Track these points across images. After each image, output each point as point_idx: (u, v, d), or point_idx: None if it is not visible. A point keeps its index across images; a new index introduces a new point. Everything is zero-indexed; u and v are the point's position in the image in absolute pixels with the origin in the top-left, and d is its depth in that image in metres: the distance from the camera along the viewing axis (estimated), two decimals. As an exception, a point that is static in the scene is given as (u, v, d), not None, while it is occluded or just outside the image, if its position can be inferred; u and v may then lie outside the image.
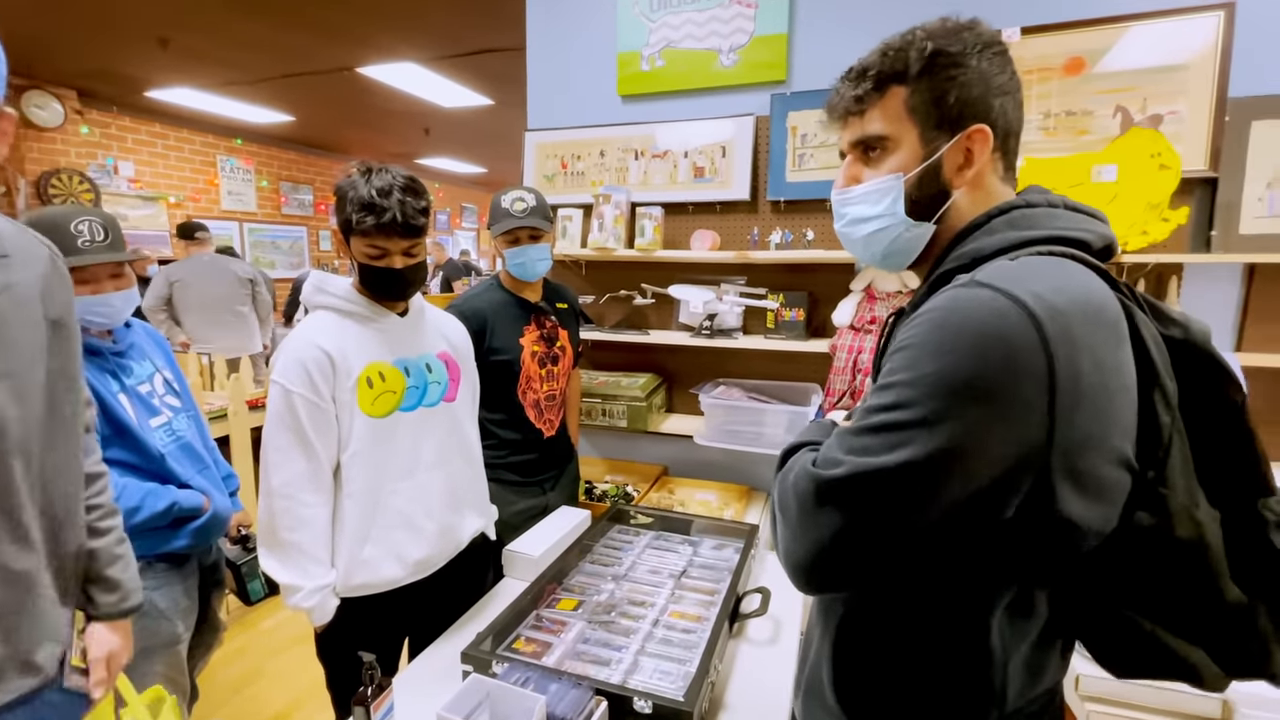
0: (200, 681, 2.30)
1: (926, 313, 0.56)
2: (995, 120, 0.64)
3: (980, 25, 0.65)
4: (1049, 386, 0.51)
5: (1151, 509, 0.56)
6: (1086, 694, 1.14)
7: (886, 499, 0.54)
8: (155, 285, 4.04)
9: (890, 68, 0.64)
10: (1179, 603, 0.57)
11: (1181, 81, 1.61)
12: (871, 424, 0.56)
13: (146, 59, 4.42)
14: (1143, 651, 0.60)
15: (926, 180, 0.65)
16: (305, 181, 7.73)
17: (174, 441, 1.41)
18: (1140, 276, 1.69)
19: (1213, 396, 0.59)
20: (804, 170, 1.97)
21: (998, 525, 0.55)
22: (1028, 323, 0.51)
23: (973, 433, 0.52)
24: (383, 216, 1.16)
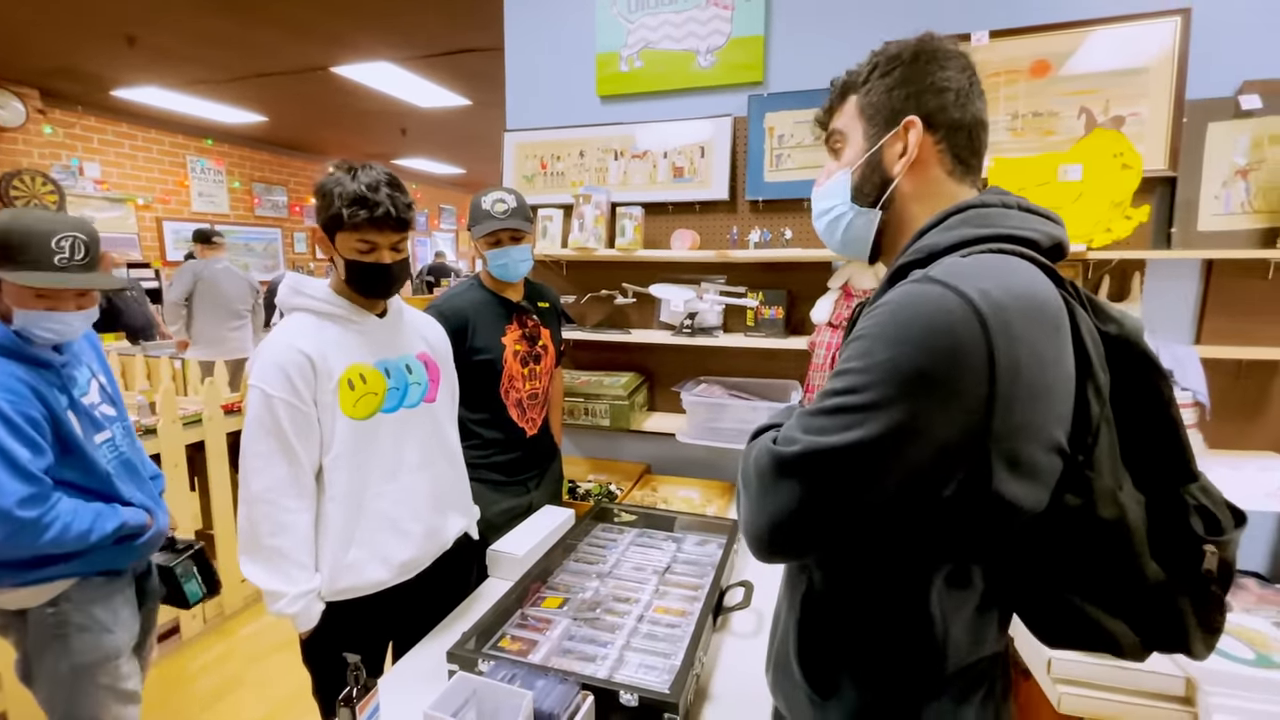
0: (176, 692, 2.26)
1: (882, 305, 0.60)
2: (931, 114, 0.70)
3: (934, 36, 0.73)
4: (989, 377, 0.54)
5: (1078, 491, 0.60)
6: (1058, 677, 1.18)
7: (838, 475, 0.59)
8: (181, 280, 4.17)
9: (849, 81, 0.76)
10: (1103, 578, 0.62)
11: (1142, 84, 1.66)
12: (827, 406, 0.60)
13: (112, 57, 4.32)
14: (1070, 623, 0.64)
15: (869, 169, 0.74)
16: (279, 183, 7.60)
17: (116, 458, 1.39)
18: (1105, 272, 1.75)
19: (1143, 389, 0.63)
20: (781, 170, 2.00)
21: (938, 503, 0.59)
22: (973, 318, 0.54)
23: (918, 417, 0.55)
24: (376, 210, 1.16)
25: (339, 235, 1.20)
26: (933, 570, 0.64)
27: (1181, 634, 0.62)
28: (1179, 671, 1.12)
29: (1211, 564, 0.61)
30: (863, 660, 0.69)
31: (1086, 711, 1.15)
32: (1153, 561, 0.61)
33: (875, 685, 0.69)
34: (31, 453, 1.19)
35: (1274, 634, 1.19)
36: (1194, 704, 1.10)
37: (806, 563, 0.74)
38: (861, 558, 0.67)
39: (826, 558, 0.71)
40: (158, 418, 2.43)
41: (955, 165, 0.72)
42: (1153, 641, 0.64)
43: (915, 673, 0.67)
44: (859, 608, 0.69)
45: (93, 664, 1.34)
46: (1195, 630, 0.62)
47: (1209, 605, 0.62)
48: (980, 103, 0.72)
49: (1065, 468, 0.60)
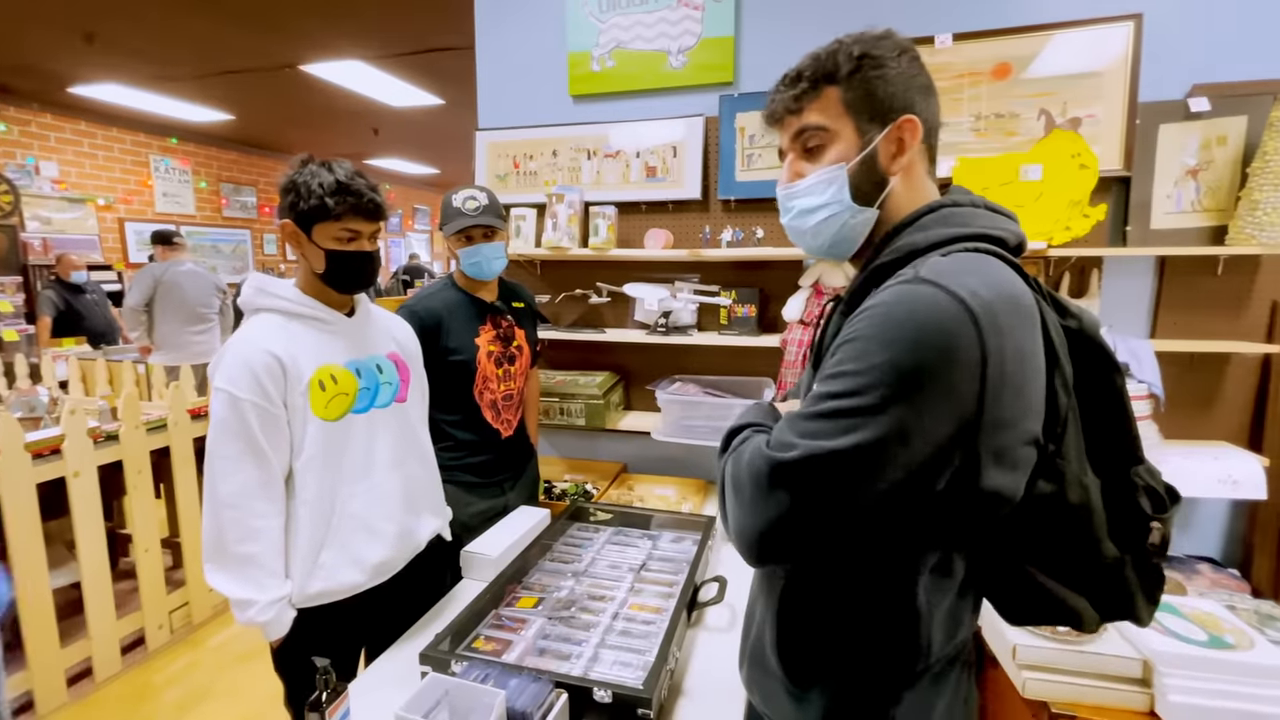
0: (142, 705, 2.20)
1: (874, 307, 0.61)
2: (920, 113, 0.70)
3: (894, 34, 0.72)
4: (981, 374, 0.56)
5: (1050, 478, 0.63)
6: (1023, 663, 1.21)
7: (837, 478, 0.59)
8: (140, 284, 3.97)
9: (823, 70, 0.70)
10: (1068, 558, 0.66)
11: (1097, 87, 1.72)
12: (824, 410, 0.60)
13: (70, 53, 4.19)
14: (1036, 600, 0.68)
15: (866, 168, 0.70)
16: (248, 183, 7.44)
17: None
18: (1065, 269, 1.80)
19: (1100, 379, 0.67)
20: (753, 170, 2.02)
21: (930, 497, 0.60)
22: (965, 316, 0.56)
23: (917, 416, 0.57)
24: (361, 198, 1.17)
25: (319, 226, 1.18)
26: (920, 562, 0.66)
27: (1130, 604, 0.67)
28: (1136, 654, 1.16)
29: (1156, 539, 0.65)
30: (845, 651, 0.70)
31: (1050, 695, 1.18)
32: (1109, 540, 0.64)
33: (856, 675, 0.70)
34: None
35: (1225, 616, 1.24)
36: (1150, 685, 1.14)
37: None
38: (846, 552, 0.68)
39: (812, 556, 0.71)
40: (120, 424, 2.36)
41: (929, 164, 0.74)
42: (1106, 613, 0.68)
43: (898, 662, 0.69)
44: (841, 601, 0.70)
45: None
46: (1141, 600, 0.67)
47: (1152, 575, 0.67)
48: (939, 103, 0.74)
49: (1039, 457, 0.62)
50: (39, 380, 3.28)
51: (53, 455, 2.13)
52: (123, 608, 2.40)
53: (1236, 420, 1.77)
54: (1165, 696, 1.10)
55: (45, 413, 2.50)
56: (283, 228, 1.21)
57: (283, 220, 1.20)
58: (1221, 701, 1.07)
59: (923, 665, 0.68)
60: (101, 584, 2.28)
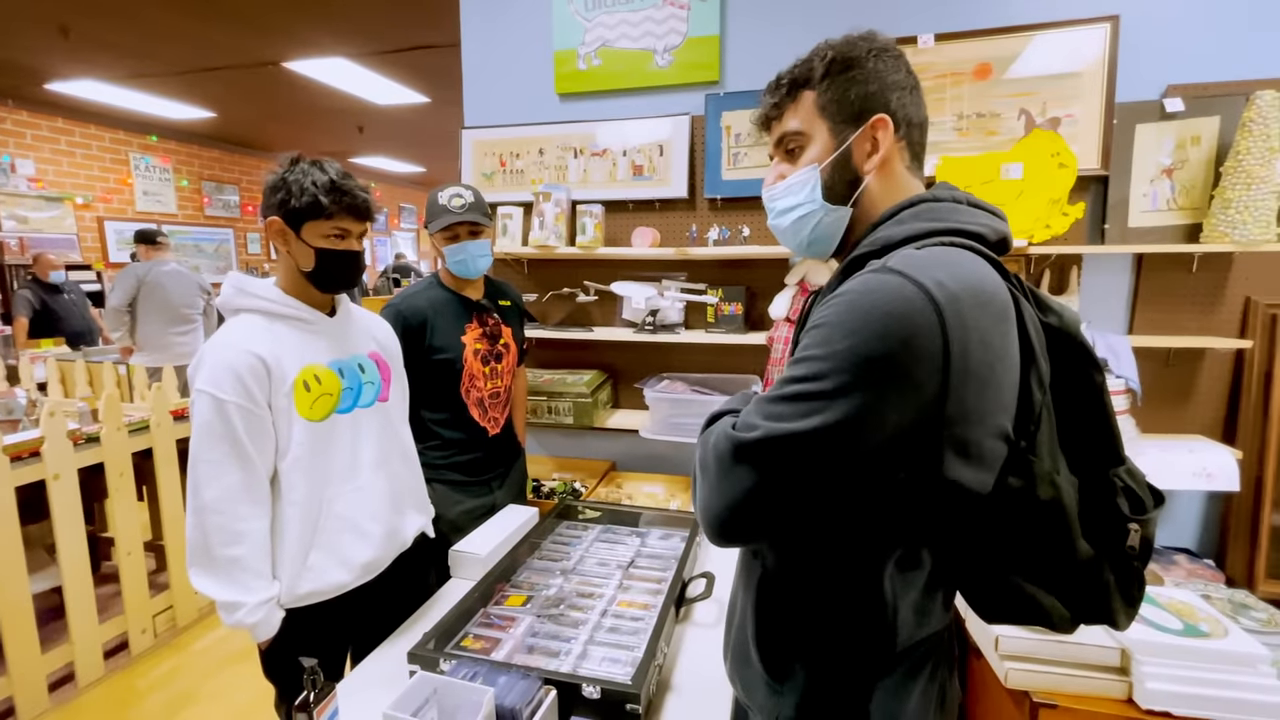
0: (126, 710, 2.18)
1: (841, 294, 0.61)
2: (895, 111, 0.71)
3: (876, 34, 0.73)
4: (943, 365, 0.56)
5: (1020, 474, 0.63)
6: (1005, 653, 1.24)
7: (796, 460, 0.60)
8: (123, 284, 3.90)
9: (799, 75, 0.74)
10: (1039, 556, 0.65)
11: (1075, 87, 1.75)
12: (787, 393, 0.61)
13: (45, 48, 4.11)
14: (1008, 599, 0.68)
15: (839, 167, 0.73)
16: (230, 181, 7.34)
17: None
18: (1045, 267, 1.83)
19: (1079, 377, 0.67)
20: (739, 168, 2.03)
21: (891, 486, 0.61)
22: (929, 307, 0.56)
23: (876, 403, 0.57)
24: (356, 198, 1.19)
25: (309, 225, 1.18)
26: (886, 553, 0.66)
27: (1106, 607, 0.66)
28: (1115, 644, 1.18)
29: (1134, 541, 0.65)
30: (817, 642, 0.71)
31: (1031, 685, 1.20)
32: (1083, 540, 0.64)
33: (828, 666, 0.71)
34: None
35: (1201, 605, 1.27)
36: (1129, 673, 1.16)
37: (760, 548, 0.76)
38: (815, 542, 0.69)
39: (780, 543, 0.73)
40: (101, 425, 2.33)
41: (912, 160, 0.74)
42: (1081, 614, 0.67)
43: (866, 653, 0.69)
44: (813, 591, 0.71)
45: None
46: (1118, 603, 0.66)
47: (1130, 579, 0.66)
48: (923, 101, 0.75)
49: (1009, 452, 0.62)
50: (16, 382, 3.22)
51: (32, 458, 2.09)
52: (105, 612, 2.37)
53: (1211, 414, 1.81)
54: (1143, 684, 1.13)
55: (23, 415, 2.46)
56: (269, 225, 1.20)
57: (270, 217, 1.19)
58: (1197, 689, 1.10)
59: (890, 655, 0.69)
60: (83, 588, 2.24)
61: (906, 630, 0.69)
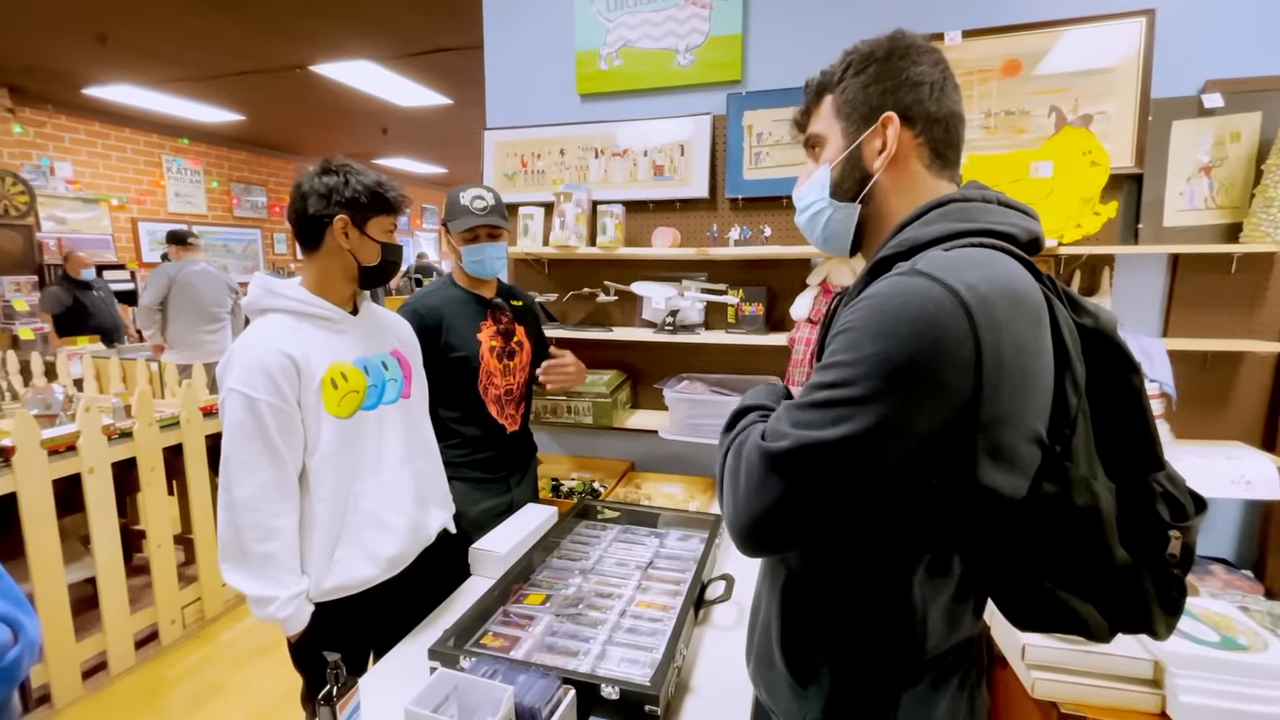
0: (156, 699, 2.23)
1: (869, 298, 0.60)
2: (908, 108, 0.71)
3: (904, 34, 0.74)
4: (975, 369, 0.55)
5: (1055, 479, 0.61)
6: (1033, 662, 1.21)
7: (827, 469, 0.59)
8: (155, 283, 4.04)
9: (824, 80, 0.77)
10: (1075, 563, 0.63)
11: (1108, 83, 1.70)
12: (816, 400, 0.60)
13: (84, 54, 4.24)
14: (1042, 607, 0.66)
15: (849, 165, 0.75)
16: (258, 183, 7.50)
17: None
18: (1076, 267, 1.79)
19: (1116, 380, 0.65)
20: (760, 168, 2.02)
21: (924, 492, 0.60)
22: (960, 310, 0.55)
23: (907, 409, 0.56)
24: (403, 196, 1.29)
25: (375, 220, 1.26)
26: (915, 559, 0.65)
27: (1145, 615, 0.64)
28: (1147, 655, 1.15)
29: (1175, 548, 0.63)
30: (842, 647, 0.70)
31: (1059, 696, 1.17)
32: (1121, 547, 0.62)
33: (854, 672, 0.70)
34: None
35: (1238, 617, 1.22)
36: (1161, 686, 1.13)
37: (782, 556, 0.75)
38: (843, 547, 0.68)
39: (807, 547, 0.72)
40: (133, 421, 2.39)
41: (933, 159, 0.73)
42: (1118, 623, 0.65)
43: (894, 659, 0.68)
44: (839, 596, 0.70)
45: None
46: (1157, 612, 0.64)
47: (1171, 587, 0.64)
48: (955, 95, 0.73)
49: (1043, 457, 0.61)
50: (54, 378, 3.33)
51: (68, 452, 2.16)
52: (136, 603, 2.43)
53: (1250, 420, 1.75)
54: (1176, 698, 1.09)
55: (60, 410, 2.54)
56: (337, 223, 1.22)
57: (338, 216, 1.22)
58: (1233, 704, 1.06)
59: (919, 663, 0.68)
60: (116, 579, 2.31)
61: (936, 637, 0.68)
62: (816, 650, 0.72)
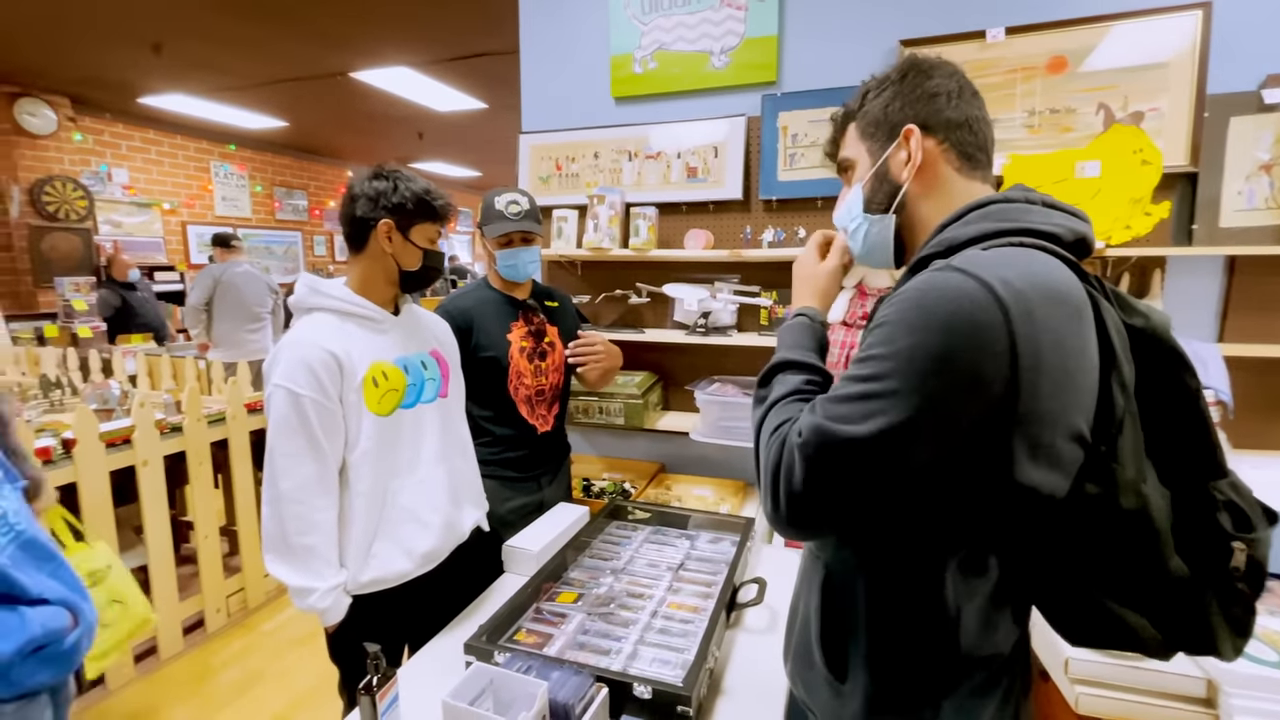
0: (202, 684, 2.32)
1: (904, 292, 0.61)
2: (927, 119, 0.73)
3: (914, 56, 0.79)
4: (1011, 363, 0.55)
5: (1099, 480, 0.60)
6: (1075, 677, 1.17)
7: (860, 462, 0.60)
8: (201, 284, 4.23)
9: (847, 110, 0.82)
10: (1124, 571, 0.61)
11: (1162, 79, 1.64)
12: (850, 393, 0.61)
13: (139, 65, 4.43)
14: (1091, 618, 0.64)
15: (878, 180, 0.78)
16: (299, 187, 7.73)
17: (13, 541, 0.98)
18: (1124, 270, 1.73)
19: (1170, 382, 0.63)
20: (795, 169, 2.00)
21: (960, 487, 0.60)
22: (994, 304, 0.55)
23: (939, 404, 0.56)
24: (450, 204, 1.33)
25: (420, 227, 1.29)
26: (948, 555, 0.65)
27: (1207, 633, 0.62)
28: (1200, 673, 1.10)
29: (1240, 561, 0.60)
30: (878, 643, 0.70)
31: (1104, 712, 1.14)
32: (1176, 556, 0.60)
33: (890, 670, 0.70)
34: None
35: (1299, 636, 1.17)
36: (1215, 706, 1.08)
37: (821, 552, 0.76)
38: (878, 541, 0.68)
39: (842, 542, 0.72)
40: (183, 416, 2.49)
41: (963, 162, 0.74)
42: (1177, 640, 0.63)
43: (928, 658, 0.68)
44: (875, 591, 0.70)
45: None
46: (1223, 630, 0.61)
47: (1236, 604, 0.61)
48: (976, 102, 0.75)
49: (1087, 457, 0.60)
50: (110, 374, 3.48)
51: (123, 445, 2.26)
52: (183, 591, 2.53)
53: (1313, 430, 1.66)
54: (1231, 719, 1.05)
55: (117, 405, 2.66)
56: (381, 227, 1.25)
57: (383, 220, 1.25)
58: (1294, 726, 1.02)
59: (955, 664, 0.67)
60: (166, 568, 2.41)
61: (970, 638, 0.66)
62: (854, 646, 0.72)
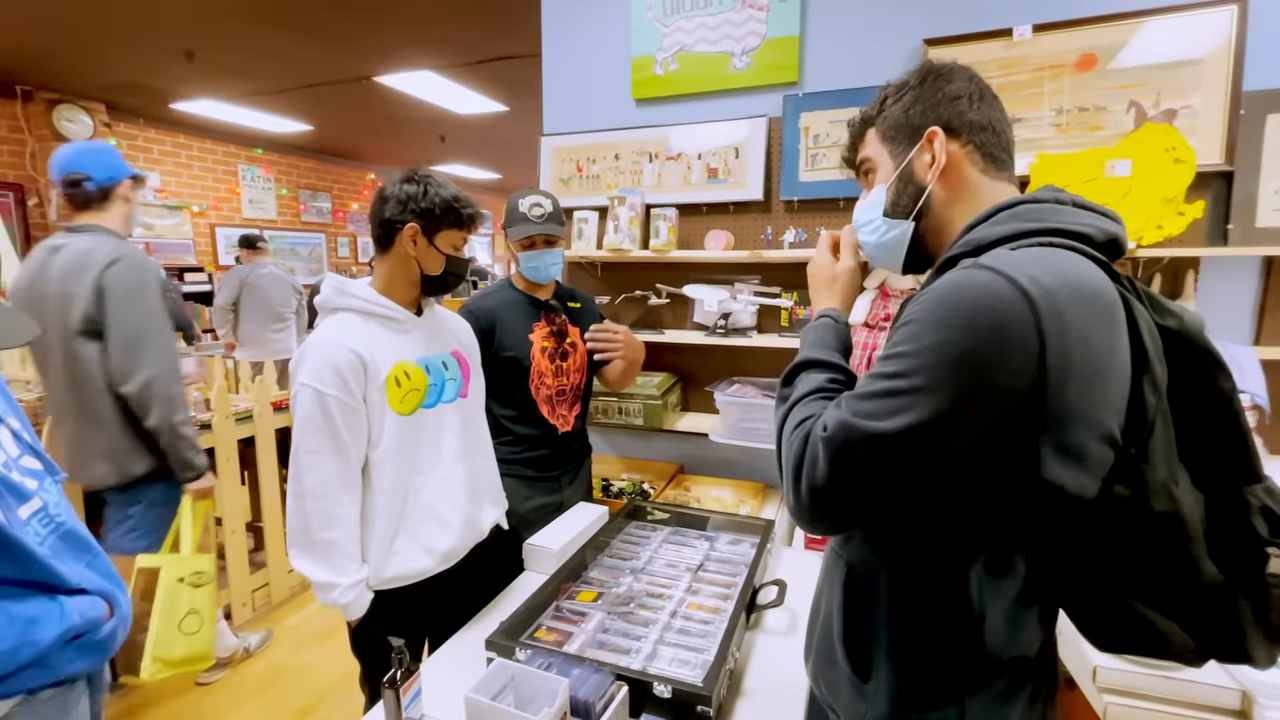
0: (234, 675, 2.37)
1: (931, 290, 0.61)
2: (950, 121, 0.74)
3: (930, 62, 0.79)
4: (1039, 361, 0.55)
5: (1129, 482, 0.59)
6: (1104, 686, 1.15)
7: (884, 458, 0.60)
8: (228, 285, 4.33)
9: (865, 115, 0.83)
10: (1154, 575, 0.60)
11: (1195, 76, 1.60)
12: (875, 390, 0.61)
13: (172, 72, 4.55)
14: (1120, 623, 0.64)
15: (902, 183, 0.78)
16: (323, 189, 7.86)
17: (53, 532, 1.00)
18: (1156, 270, 1.69)
19: (1204, 385, 0.62)
20: (817, 170, 1.99)
21: (984, 485, 0.60)
22: (1022, 302, 0.55)
23: (965, 400, 0.56)
24: (478, 213, 1.35)
25: (444, 233, 1.30)
26: (973, 554, 0.64)
27: (1240, 640, 0.60)
28: (1233, 683, 1.07)
29: (1276, 568, 0.59)
30: (902, 643, 0.70)
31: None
32: (1210, 561, 0.59)
33: (913, 669, 0.69)
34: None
35: (1340, 648, 1.13)
36: (1249, 718, 1.05)
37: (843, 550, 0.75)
38: (902, 538, 0.68)
39: (864, 540, 0.72)
40: (212, 414, 2.54)
41: (987, 163, 0.74)
42: (1210, 647, 0.62)
43: (953, 658, 0.67)
44: (899, 589, 0.70)
45: None
46: (1256, 637, 0.60)
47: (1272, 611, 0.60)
48: (995, 104, 0.75)
49: (1117, 459, 0.59)
50: (142, 372, 3.56)
51: (155, 441, 2.31)
52: (212, 585, 2.58)
53: (1355, 436, 1.61)
54: (1268, 731, 1.02)
55: (148, 402, 2.72)
56: (407, 230, 1.26)
57: (409, 223, 1.26)
58: (1335, 741, 0.99)
59: (980, 665, 0.66)
60: (194, 561, 2.46)
61: (996, 639, 0.66)
62: (877, 645, 0.71)
